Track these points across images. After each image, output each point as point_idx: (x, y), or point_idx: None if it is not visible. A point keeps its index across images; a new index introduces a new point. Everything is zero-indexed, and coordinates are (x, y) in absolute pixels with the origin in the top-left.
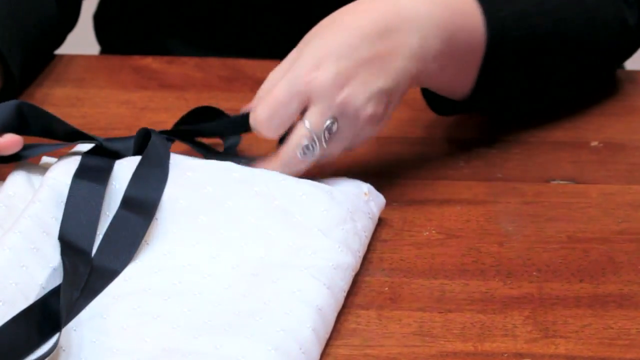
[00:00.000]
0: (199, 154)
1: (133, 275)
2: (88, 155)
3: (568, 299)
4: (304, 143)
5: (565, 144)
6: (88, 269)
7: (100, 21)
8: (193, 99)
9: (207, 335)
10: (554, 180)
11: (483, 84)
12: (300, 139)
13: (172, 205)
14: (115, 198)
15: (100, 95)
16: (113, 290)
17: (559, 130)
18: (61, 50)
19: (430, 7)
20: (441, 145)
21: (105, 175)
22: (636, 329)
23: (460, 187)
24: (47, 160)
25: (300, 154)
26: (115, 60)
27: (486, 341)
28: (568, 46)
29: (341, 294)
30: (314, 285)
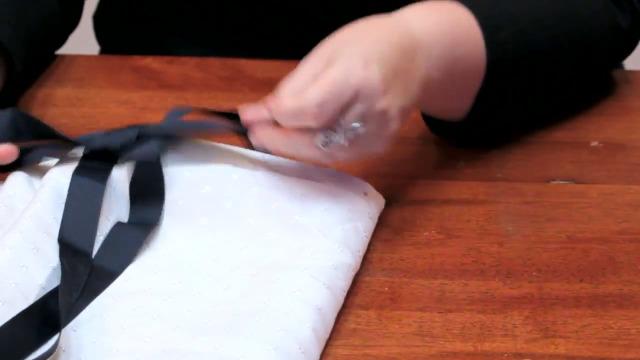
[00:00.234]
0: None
1: (133, 275)
2: (86, 158)
3: (568, 299)
4: (329, 133)
5: (565, 144)
6: (88, 269)
7: (100, 21)
8: (193, 99)
9: (207, 335)
10: (554, 180)
11: (481, 106)
12: (328, 128)
13: (172, 207)
14: (116, 200)
15: (100, 95)
16: (113, 290)
17: (559, 130)
18: (61, 50)
19: (437, 37)
20: (441, 145)
21: (104, 175)
22: (636, 329)
23: (460, 187)
24: (47, 162)
25: (320, 142)
26: (115, 60)
27: (486, 341)
28: (565, 58)
29: (341, 294)
30: (313, 285)
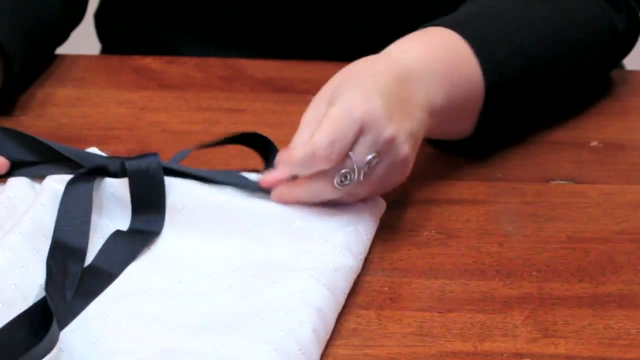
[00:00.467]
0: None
1: (133, 275)
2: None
3: (568, 299)
4: (344, 171)
5: (565, 144)
6: (81, 267)
7: (101, 19)
8: (193, 99)
9: (207, 336)
10: (554, 180)
11: (484, 125)
12: (342, 166)
13: (172, 212)
14: (113, 203)
15: (100, 95)
16: (113, 290)
17: (559, 130)
18: (62, 49)
19: (429, 64)
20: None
21: (96, 177)
22: (636, 329)
23: (460, 187)
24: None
25: (337, 182)
26: (115, 60)
27: (486, 341)
28: (563, 68)
29: (342, 296)
30: (314, 286)
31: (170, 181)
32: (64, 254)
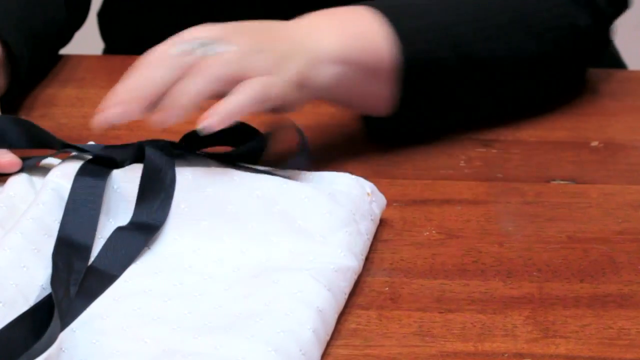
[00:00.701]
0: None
1: (133, 276)
2: (88, 162)
3: (568, 299)
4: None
5: (565, 144)
6: (85, 264)
7: (105, 19)
8: None
9: (207, 336)
10: (554, 180)
11: (403, 100)
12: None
13: (174, 209)
14: (118, 202)
15: (101, 96)
16: (113, 291)
17: (559, 130)
18: (64, 49)
19: (321, 20)
20: (441, 146)
21: (106, 174)
22: (636, 329)
23: (460, 187)
24: (48, 161)
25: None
26: (116, 60)
27: (486, 341)
28: (502, 55)
29: (342, 296)
30: (314, 287)
31: (177, 174)
32: (70, 249)
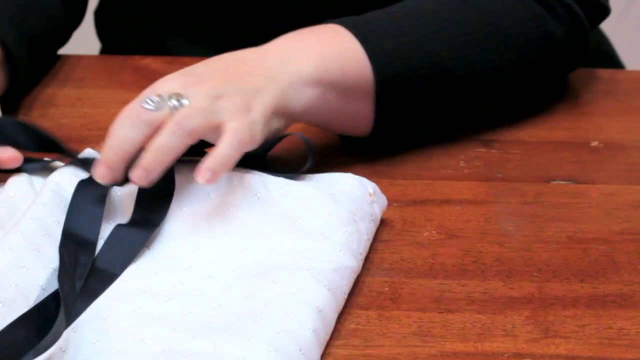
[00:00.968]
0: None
1: (134, 276)
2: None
3: (568, 299)
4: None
5: (565, 144)
6: (91, 260)
7: (101, 18)
8: None
9: (208, 336)
10: (554, 180)
11: (382, 119)
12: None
13: (175, 212)
14: (117, 205)
15: (100, 95)
16: (113, 291)
17: (559, 130)
18: (62, 49)
19: (293, 43)
20: (441, 145)
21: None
22: (636, 329)
23: (460, 187)
24: (50, 164)
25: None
26: (116, 60)
27: (486, 341)
28: (478, 69)
29: (342, 296)
30: (314, 287)
31: (176, 181)
32: (75, 244)
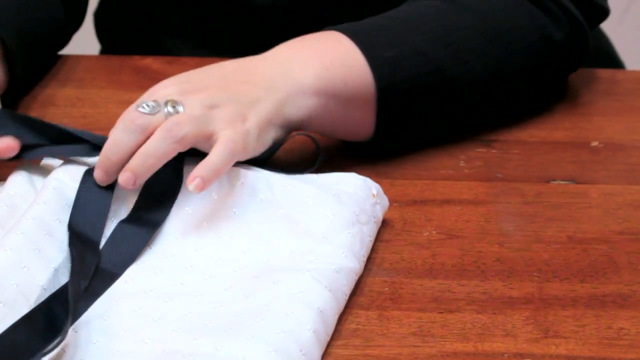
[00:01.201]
0: None
1: (134, 276)
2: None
3: (568, 299)
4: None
5: (565, 144)
6: (96, 260)
7: (101, 19)
8: None
9: (208, 337)
10: (554, 180)
11: (385, 125)
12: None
13: (178, 212)
14: (119, 203)
15: (101, 96)
16: (114, 291)
17: (559, 130)
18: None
19: (294, 52)
20: (441, 145)
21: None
22: (636, 329)
23: (460, 187)
24: (48, 162)
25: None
26: (116, 60)
27: (486, 341)
28: (479, 74)
29: (343, 297)
30: (315, 287)
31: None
32: (82, 242)
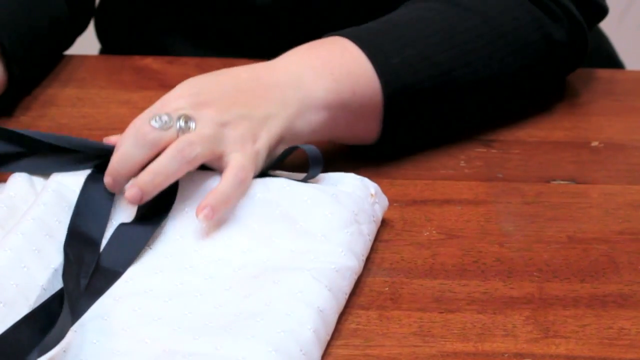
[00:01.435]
0: None
1: (134, 276)
2: (99, 166)
3: (568, 299)
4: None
5: (565, 144)
6: (95, 258)
7: (101, 19)
8: None
9: (208, 336)
10: (554, 180)
11: (391, 130)
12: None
13: (177, 212)
14: (120, 205)
15: (101, 96)
16: (114, 291)
17: (559, 130)
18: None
19: (305, 63)
20: (441, 146)
21: None
22: (636, 329)
23: (460, 187)
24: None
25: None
26: (116, 60)
27: (486, 341)
28: (482, 75)
29: (343, 296)
30: (315, 287)
31: (178, 182)
32: (80, 242)
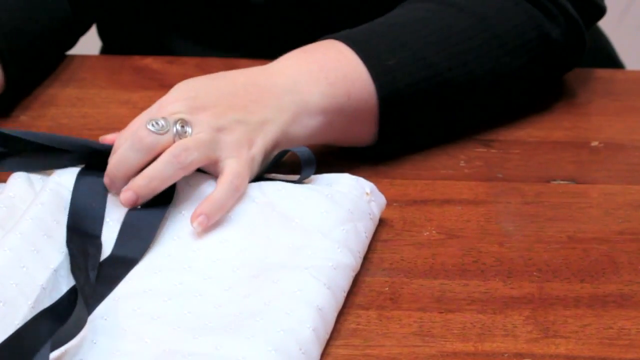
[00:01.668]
0: None
1: (134, 276)
2: (92, 160)
3: (568, 299)
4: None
5: (565, 144)
6: (100, 250)
7: (102, 18)
8: None
9: (208, 336)
10: (554, 180)
11: (386, 131)
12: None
13: (174, 216)
14: (114, 202)
15: (101, 95)
16: (114, 291)
17: (559, 130)
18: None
19: (300, 68)
20: (441, 145)
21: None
22: (636, 329)
23: (460, 187)
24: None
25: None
26: (116, 60)
27: (486, 341)
28: (477, 75)
29: (341, 294)
30: (314, 286)
31: (174, 186)
32: (81, 237)
